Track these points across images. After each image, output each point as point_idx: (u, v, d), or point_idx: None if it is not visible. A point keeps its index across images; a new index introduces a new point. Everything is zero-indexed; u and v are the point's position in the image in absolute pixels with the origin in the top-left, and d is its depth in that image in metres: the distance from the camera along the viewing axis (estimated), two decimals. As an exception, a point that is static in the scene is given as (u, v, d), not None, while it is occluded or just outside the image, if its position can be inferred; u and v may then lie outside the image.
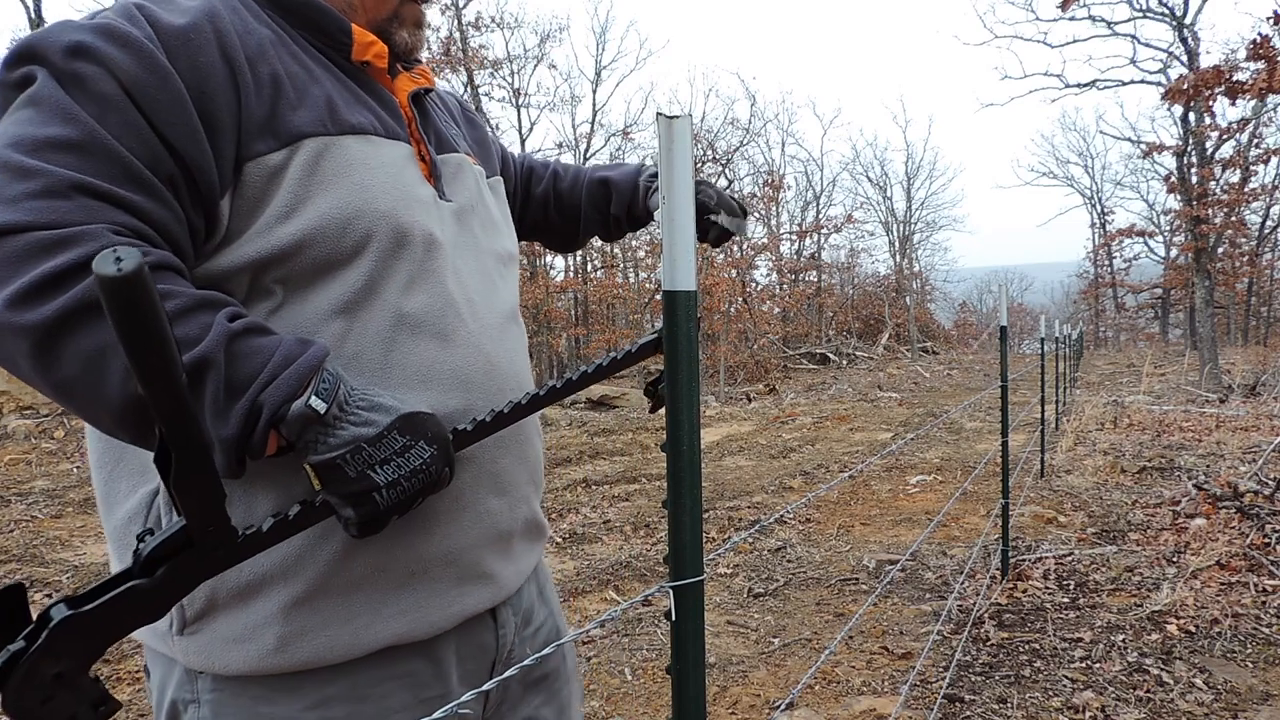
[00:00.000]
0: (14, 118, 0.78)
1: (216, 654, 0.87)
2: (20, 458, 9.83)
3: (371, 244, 0.90)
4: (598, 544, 5.70)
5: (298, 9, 0.96)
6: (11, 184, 0.73)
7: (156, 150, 0.80)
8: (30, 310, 0.70)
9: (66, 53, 0.78)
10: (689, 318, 0.98)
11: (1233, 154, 22.57)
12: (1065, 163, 56.54)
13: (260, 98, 0.87)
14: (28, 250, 0.71)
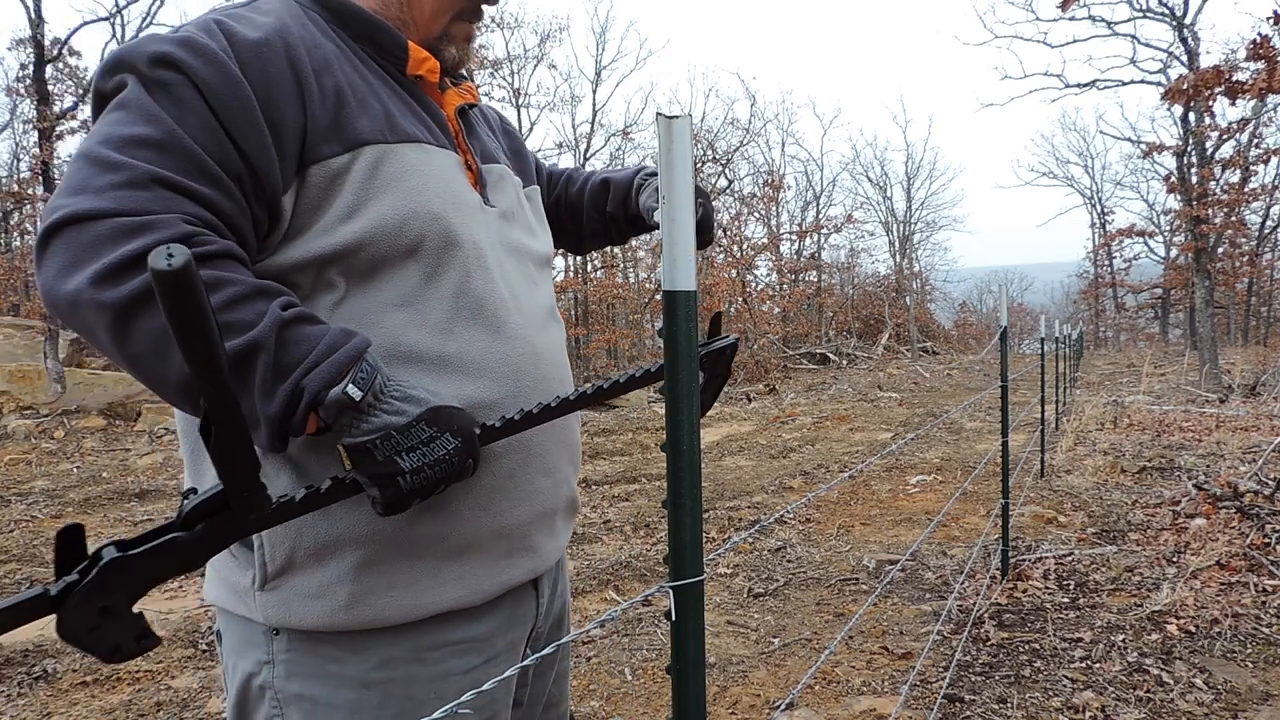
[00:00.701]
0: (106, 119, 0.88)
1: (294, 609, 0.95)
2: (20, 458, 9.83)
3: (426, 243, 0.99)
4: (598, 544, 5.70)
5: (359, 25, 1.05)
6: (99, 175, 0.83)
7: (227, 150, 0.89)
8: (111, 289, 0.79)
9: (151, 62, 0.88)
10: (689, 318, 0.98)
11: (1233, 154, 22.57)
12: (1065, 163, 56.61)
13: (325, 106, 0.96)
14: (111, 234, 0.80)
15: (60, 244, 0.82)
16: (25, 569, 5.23)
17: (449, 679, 1.01)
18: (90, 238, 0.80)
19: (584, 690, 3.33)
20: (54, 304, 0.82)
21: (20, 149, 23.52)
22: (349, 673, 0.97)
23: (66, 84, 17.87)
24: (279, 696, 0.98)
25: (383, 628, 0.97)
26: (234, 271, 0.85)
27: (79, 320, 0.82)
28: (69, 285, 0.80)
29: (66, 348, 15.82)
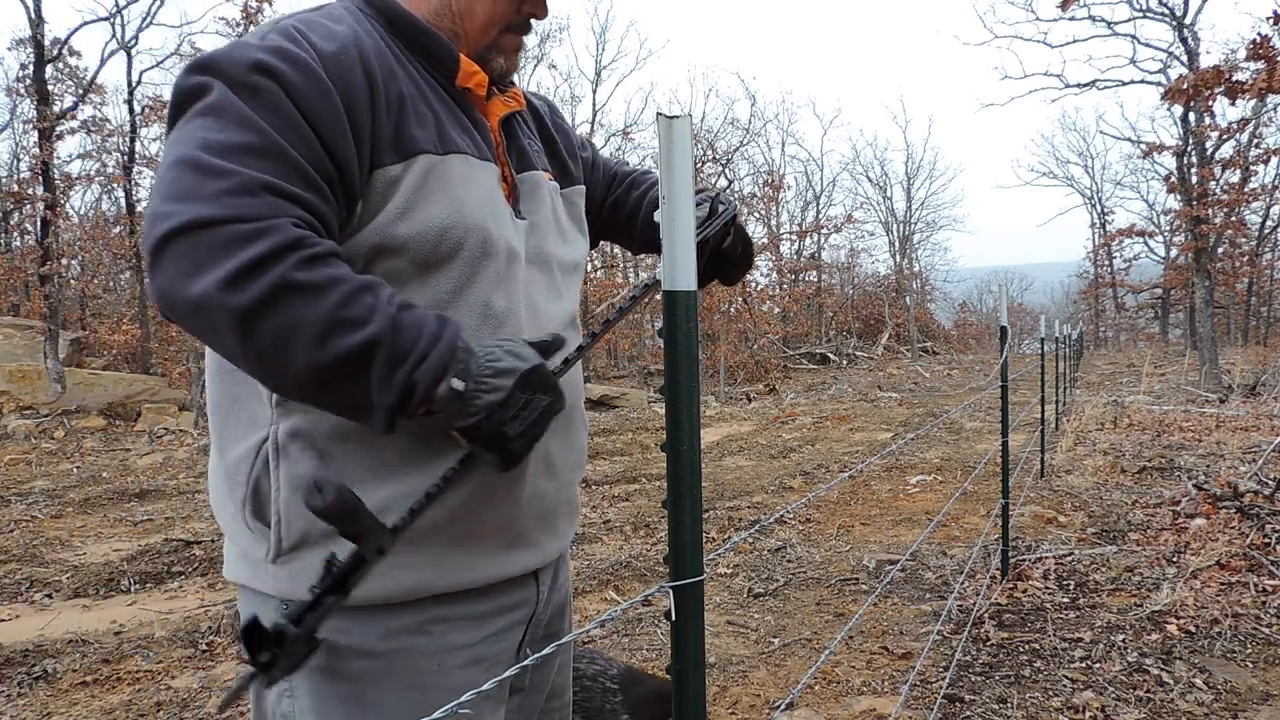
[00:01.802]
0: (197, 123, 0.91)
1: (302, 582, 0.97)
2: (20, 458, 9.83)
3: (461, 253, 1.04)
4: (598, 544, 5.70)
5: (414, 35, 1.09)
6: (208, 182, 0.86)
7: (320, 155, 0.94)
8: (236, 293, 0.84)
9: (247, 68, 0.92)
10: (689, 318, 0.98)
11: (1233, 154, 22.56)
12: (1065, 163, 56.59)
13: (389, 115, 1.01)
14: (231, 240, 0.85)
15: (179, 249, 0.85)
16: (25, 569, 5.23)
17: (451, 652, 1.07)
18: (210, 243, 0.84)
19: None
20: (173, 306, 0.87)
21: (20, 149, 23.54)
22: (355, 644, 1.02)
23: (66, 84, 17.87)
24: None
25: (387, 604, 1.03)
26: (342, 269, 0.90)
27: (202, 322, 0.87)
28: (193, 290, 0.84)
29: (66, 348, 15.81)
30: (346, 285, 0.88)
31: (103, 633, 4.08)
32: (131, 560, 5.34)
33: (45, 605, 4.63)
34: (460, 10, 1.11)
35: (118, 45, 17.52)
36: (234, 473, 1.04)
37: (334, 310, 0.86)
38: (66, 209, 22.03)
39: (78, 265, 23.28)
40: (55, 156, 16.67)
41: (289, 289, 0.85)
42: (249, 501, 1.03)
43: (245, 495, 1.03)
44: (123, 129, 19.10)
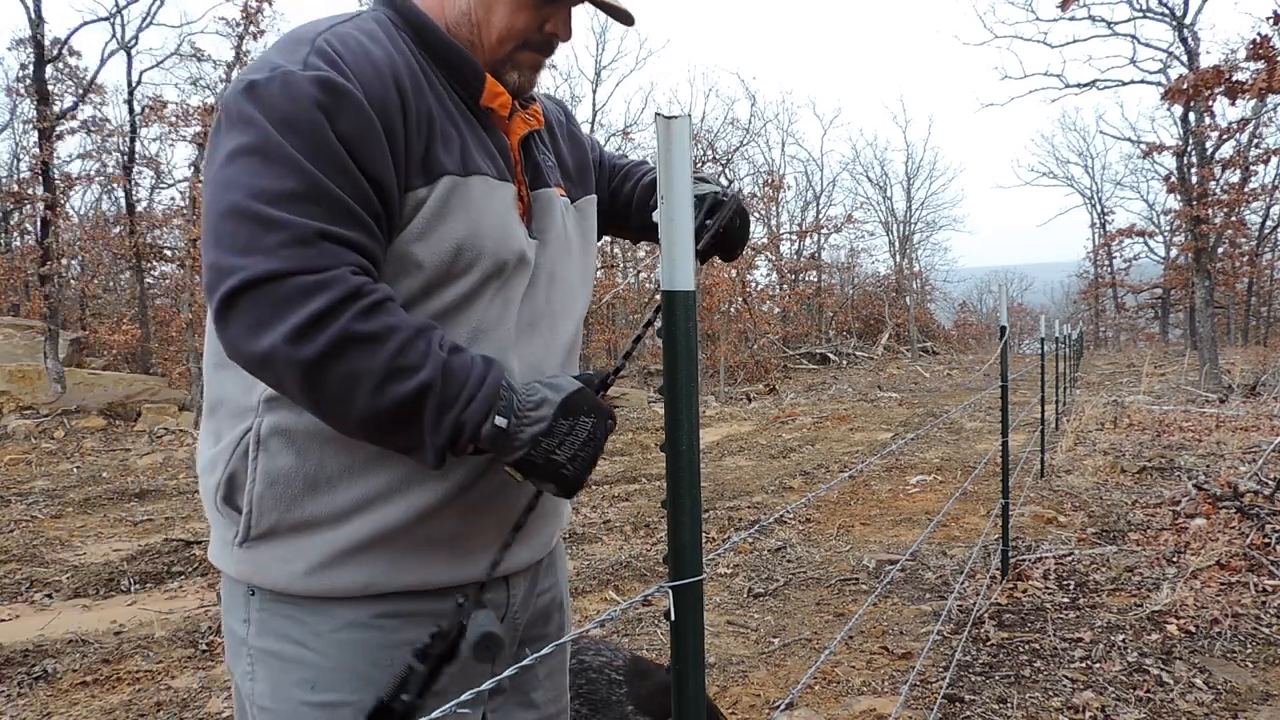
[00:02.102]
0: (245, 165, 0.93)
1: (260, 568, 1.06)
2: (20, 458, 9.83)
3: (474, 270, 1.07)
4: (598, 544, 5.70)
5: (442, 50, 1.09)
6: (266, 235, 0.90)
7: (365, 191, 0.97)
8: (302, 347, 0.89)
9: (291, 101, 0.94)
10: (689, 318, 0.98)
11: (1233, 154, 22.55)
12: (1065, 163, 56.49)
13: (420, 135, 1.03)
14: (294, 294, 0.90)
15: (246, 305, 0.90)
16: (25, 569, 5.24)
17: (403, 647, 1.06)
18: (274, 299, 0.89)
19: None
20: (242, 357, 0.93)
21: (20, 149, 23.54)
22: (309, 632, 1.07)
23: (66, 84, 17.86)
24: (251, 651, 1.09)
25: (341, 596, 1.06)
26: (397, 316, 0.95)
27: (270, 373, 0.94)
28: (261, 344, 0.90)
29: (66, 348, 15.81)
30: (402, 333, 0.94)
31: (103, 633, 4.08)
32: (131, 560, 5.34)
33: (45, 605, 4.63)
34: (479, 20, 1.10)
35: (118, 45, 17.51)
36: (215, 461, 1.09)
37: (391, 359, 0.92)
38: (66, 209, 22.03)
39: (78, 265, 23.28)
40: (55, 156, 16.66)
41: (350, 341, 0.91)
42: (222, 487, 1.07)
43: (220, 481, 1.08)
44: (123, 129, 19.10)
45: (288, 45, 1.00)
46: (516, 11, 1.10)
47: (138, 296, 20.35)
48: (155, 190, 23.65)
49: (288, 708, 1.07)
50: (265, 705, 1.09)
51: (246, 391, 1.06)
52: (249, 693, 1.10)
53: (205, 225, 0.94)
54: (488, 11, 1.10)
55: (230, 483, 1.07)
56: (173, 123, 17.97)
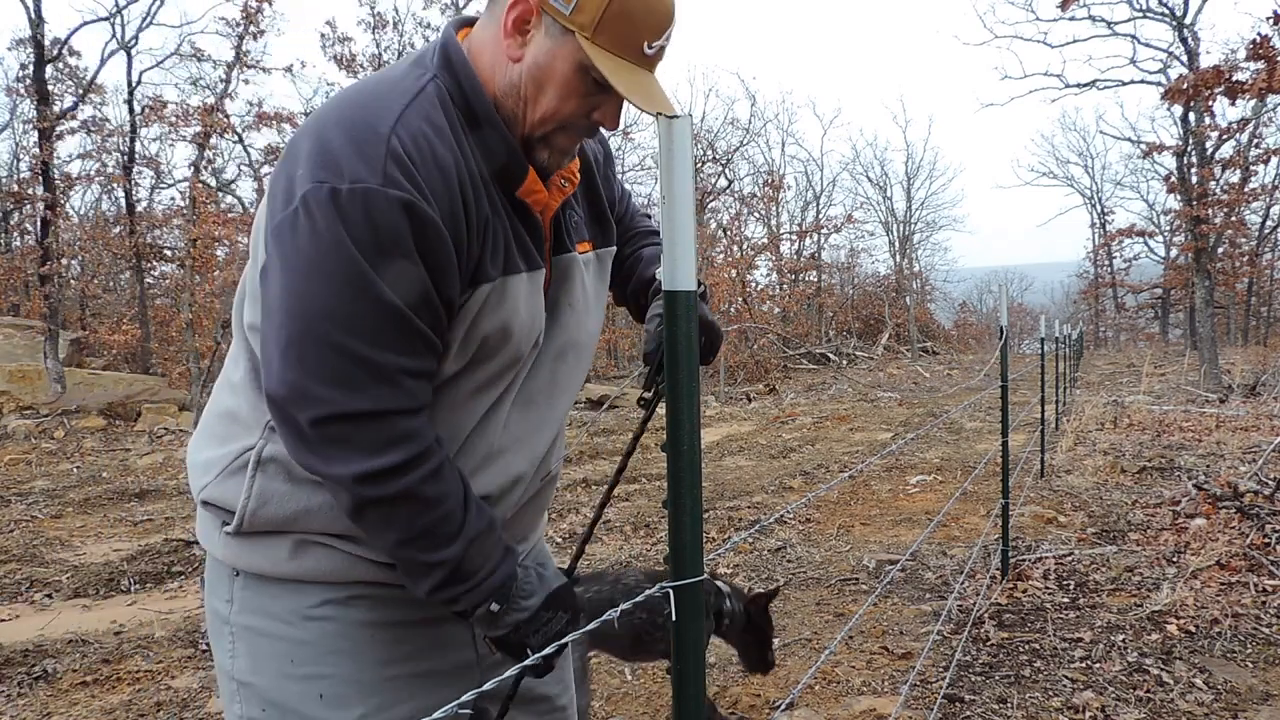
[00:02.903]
0: (332, 289, 0.97)
1: (246, 554, 1.15)
2: (20, 458, 9.83)
3: (497, 359, 1.15)
4: (598, 544, 5.70)
5: (492, 143, 1.10)
6: (354, 370, 0.99)
7: (441, 318, 1.05)
8: (370, 488, 1.01)
9: (374, 228, 0.97)
10: (689, 318, 0.98)
11: (1233, 154, 22.55)
12: (1065, 163, 56.30)
13: (476, 244, 1.08)
14: (376, 440, 1.00)
15: (330, 435, 1.00)
16: (25, 569, 5.23)
17: (381, 628, 1.16)
18: (359, 439, 1.00)
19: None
20: (310, 472, 1.05)
21: (20, 149, 23.52)
22: (288, 609, 1.14)
23: (66, 84, 17.85)
24: (233, 628, 1.16)
25: (315, 580, 1.14)
26: (453, 483, 1.07)
27: (331, 490, 1.06)
28: (333, 470, 1.01)
29: (66, 348, 15.81)
30: (451, 502, 1.05)
31: (103, 633, 4.08)
32: (131, 560, 5.34)
33: (45, 605, 4.63)
34: (527, 96, 1.09)
35: (118, 45, 17.50)
36: (213, 463, 1.17)
37: (433, 525, 1.04)
38: (66, 209, 22.01)
39: (78, 265, 23.27)
40: (55, 156, 16.65)
41: (410, 498, 1.02)
42: (213, 488, 1.16)
43: (212, 482, 1.16)
44: (123, 129, 19.07)
45: (361, 137, 1.00)
46: (567, 97, 1.09)
47: (138, 296, 20.34)
48: (155, 190, 23.68)
49: (267, 681, 1.14)
50: (245, 680, 1.15)
51: (254, 411, 1.14)
52: (229, 669, 1.16)
53: (287, 332, 0.99)
54: (538, 90, 1.09)
55: (223, 486, 1.15)
56: (173, 123, 17.94)
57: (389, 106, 1.03)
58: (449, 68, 1.09)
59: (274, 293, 1.01)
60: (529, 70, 1.08)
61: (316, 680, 1.13)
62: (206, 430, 1.22)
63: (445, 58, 1.10)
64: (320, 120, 1.04)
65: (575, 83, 1.07)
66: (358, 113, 1.03)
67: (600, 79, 1.06)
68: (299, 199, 0.98)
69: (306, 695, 1.13)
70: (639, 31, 1.05)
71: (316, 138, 1.01)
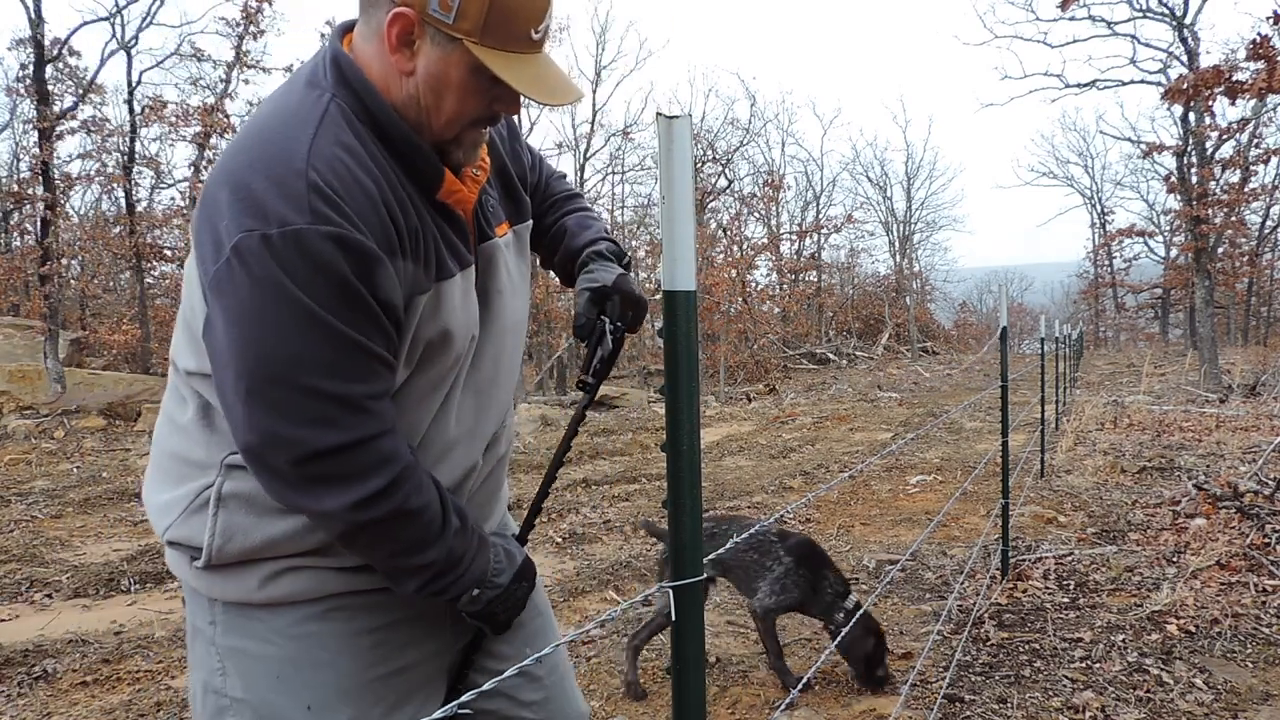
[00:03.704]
0: (283, 332, 0.99)
1: (218, 587, 1.18)
2: (20, 458, 9.82)
3: (445, 357, 1.18)
4: (598, 544, 5.70)
5: (402, 147, 1.11)
6: (321, 406, 1.01)
7: (393, 336, 1.08)
8: (362, 513, 1.05)
9: (312, 267, 0.98)
10: (689, 318, 0.98)
11: (1233, 154, 22.54)
12: (1065, 163, 56.30)
13: (408, 255, 1.09)
14: (356, 470, 1.04)
15: (311, 474, 1.03)
16: (25, 569, 5.23)
17: (359, 635, 1.20)
18: (341, 472, 1.03)
19: (584, 690, 3.33)
20: (299, 511, 1.09)
21: (20, 149, 23.53)
22: (271, 628, 1.18)
23: (66, 84, 17.84)
24: (219, 650, 1.19)
25: (290, 601, 1.18)
26: (431, 492, 1.12)
27: (323, 524, 1.09)
28: (324, 505, 1.04)
29: (66, 348, 15.81)
30: (433, 507, 1.11)
31: (103, 633, 4.08)
32: (131, 560, 5.34)
33: (45, 605, 4.63)
34: (427, 105, 1.10)
35: (118, 45, 17.51)
36: (172, 505, 1.20)
37: (419, 532, 1.10)
38: (66, 209, 22.02)
39: (78, 265, 23.27)
40: (55, 156, 16.64)
41: (400, 515, 1.07)
42: (177, 529, 1.19)
43: (174, 523, 1.19)
44: (123, 129, 19.09)
45: (278, 177, 1.00)
46: (466, 99, 1.10)
47: (138, 296, 20.33)
48: (155, 190, 23.66)
49: (258, 697, 1.18)
50: (239, 697, 1.19)
51: (208, 450, 1.16)
52: (221, 687, 1.20)
53: (248, 382, 1.00)
54: (437, 97, 1.09)
55: (187, 526, 1.17)
56: (173, 123, 17.97)
57: (297, 138, 1.03)
58: (346, 84, 1.09)
59: (223, 345, 1.01)
60: (424, 80, 1.08)
61: (303, 692, 1.17)
62: (160, 471, 1.23)
63: (340, 74, 1.09)
64: (232, 165, 1.04)
65: (472, 84, 1.09)
66: (268, 150, 1.03)
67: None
68: (230, 250, 0.98)
69: (295, 707, 1.17)
70: (522, 23, 1.06)
71: (234, 185, 1.01)
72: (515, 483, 7.53)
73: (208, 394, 1.14)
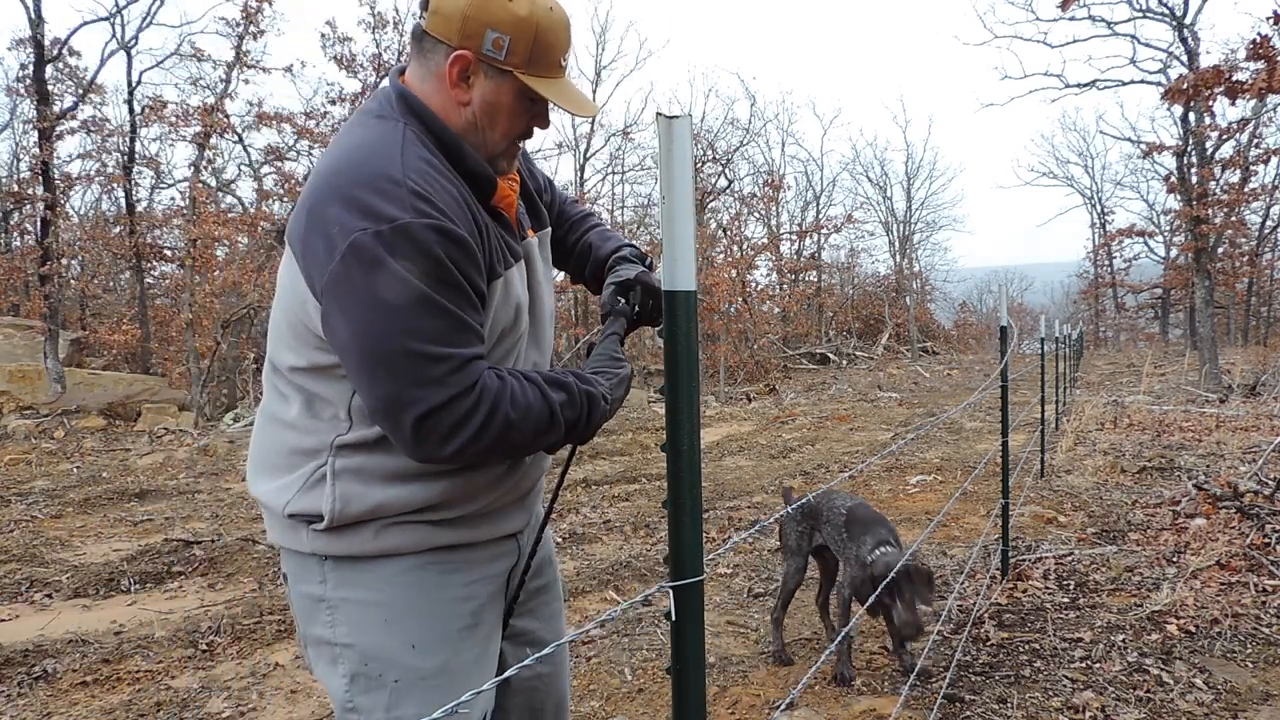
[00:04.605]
0: (401, 311, 1.18)
1: (337, 543, 1.36)
2: (20, 458, 9.82)
3: (513, 333, 1.43)
4: (598, 544, 5.70)
5: (463, 162, 1.33)
6: (434, 367, 1.20)
7: (478, 307, 1.28)
8: (478, 444, 1.24)
9: (420, 253, 1.19)
10: (689, 318, 0.98)
11: (1233, 154, 22.53)
12: (1065, 163, 56.37)
13: (484, 249, 1.32)
14: (466, 413, 1.22)
15: (431, 425, 1.21)
16: (25, 569, 5.23)
17: (453, 585, 1.41)
18: (454, 419, 1.21)
19: (584, 690, 3.33)
20: (435, 461, 1.26)
21: (20, 149, 23.49)
22: (378, 578, 1.36)
23: (66, 84, 17.82)
24: (330, 604, 1.37)
25: (396, 553, 1.36)
26: (520, 388, 1.29)
27: (456, 462, 1.28)
28: (450, 450, 1.23)
29: (66, 348, 15.81)
30: (534, 405, 1.29)
31: (103, 633, 4.08)
32: (131, 560, 5.34)
33: (45, 605, 4.63)
34: (484, 127, 1.35)
35: (118, 45, 17.49)
36: (289, 486, 1.37)
37: (534, 425, 1.29)
38: (66, 209, 22.01)
39: (78, 265, 23.26)
40: (55, 156, 16.64)
41: (510, 427, 1.26)
42: (295, 504, 1.36)
43: (291, 499, 1.36)
44: (123, 129, 19.05)
45: (381, 187, 1.21)
46: (516, 118, 1.37)
47: (138, 296, 20.32)
48: (155, 190, 23.67)
49: (368, 639, 1.36)
50: (347, 642, 1.37)
51: (317, 437, 1.35)
52: (329, 637, 1.38)
53: (369, 357, 1.20)
54: (491, 121, 1.35)
55: (306, 498, 1.34)
56: (173, 123, 17.93)
57: (388, 155, 1.25)
58: (414, 114, 1.33)
59: (344, 331, 1.21)
60: (480, 108, 1.33)
61: (408, 633, 1.36)
62: (267, 465, 1.41)
63: (407, 106, 1.33)
64: (334, 184, 1.24)
65: (518, 107, 1.35)
66: (364, 169, 1.23)
67: (537, 98, 1.35)
68: (345, 247, 1.18)
69: (402, 647, 1.36)
70: (556, 53, 1.33)
71: (342, 198, 1.21)
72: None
73: (312, 386, 1.33)
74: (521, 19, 1.28)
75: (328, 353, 1.29)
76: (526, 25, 1.29)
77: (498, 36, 1.28)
